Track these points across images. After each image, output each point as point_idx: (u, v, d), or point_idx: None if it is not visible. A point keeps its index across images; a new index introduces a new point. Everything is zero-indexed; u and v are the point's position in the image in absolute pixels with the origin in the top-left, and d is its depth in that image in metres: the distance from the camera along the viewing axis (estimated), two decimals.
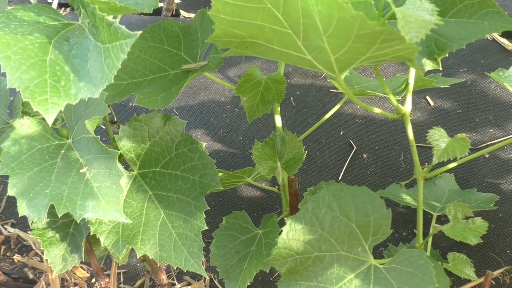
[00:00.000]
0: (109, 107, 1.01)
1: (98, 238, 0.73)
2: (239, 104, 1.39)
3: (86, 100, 0.57)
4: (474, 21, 0.62)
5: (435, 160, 0.63)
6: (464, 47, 0.62)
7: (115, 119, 1.00)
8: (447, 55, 0.64)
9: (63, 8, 1.96)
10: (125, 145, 0.76)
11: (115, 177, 0.65)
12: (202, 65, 0.76)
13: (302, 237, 0.66)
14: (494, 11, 0.61)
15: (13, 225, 1.33)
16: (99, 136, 0.66)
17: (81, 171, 0.68)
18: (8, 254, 1.28)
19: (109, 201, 0.64)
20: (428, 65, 0.65)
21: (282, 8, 0.51)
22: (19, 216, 0.65)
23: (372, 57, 0.56)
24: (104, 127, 1.47)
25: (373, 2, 0.61)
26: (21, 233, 1.29)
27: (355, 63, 0.59)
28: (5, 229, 1.32)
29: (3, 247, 1.29)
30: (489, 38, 1.22)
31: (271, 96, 0.76)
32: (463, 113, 1.14)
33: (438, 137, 0.65)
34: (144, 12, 0.64)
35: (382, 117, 1.20)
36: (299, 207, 0.79)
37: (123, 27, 0.50)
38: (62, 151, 0.71)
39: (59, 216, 0.64)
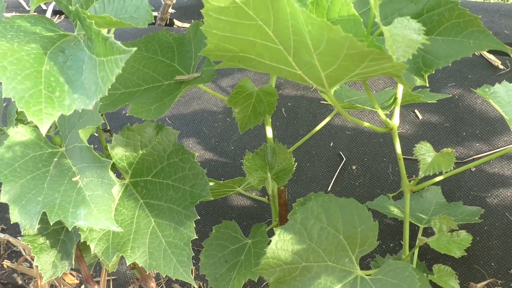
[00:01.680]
0: (102, 115, 1.03)
1: (89, 245, 0.74)
2: (231, 114, 1.40)
3: (80, 111, 0.57)
4: (460, 39, 0.64)
5: (421, 174, 0.65)
6: (450, 65, 0.63)
7: (108, 127, 1.01)
8: (433, 72, 0.66)
9: (57, 16, 1.97)
10: (118, 153, 0.77)
11: (108, 186, 0.66)
12: (195, 76, 0.77)
13: (290, 247, 0.67)
14: (479, 30, 0.63)
15: (3, 231, 1.33)
16: (92, 146, 0.67)
17: (73, 179, 0.68)
18: None
19: (101, 210, 0.65)
20: (416, 81, 0.67)
21: (273, 26, 0.52)
22: (11, 222, 0.65)
23: (361, 73, 0.58)
24: (97, 135, 1.47)
25: (361, 20, 0.63)
26: (11, 239, 1.29)
27: (345, 79, 0.60)
28: None
29: None
30: (476, 54, 1.25)
31: (262, 108, 0.78)
32: (450, 127, 1.16)
33: (425, 152, 0.67)
34: (139, 26, 0.65)
35: (371, 129, 1.22)
36: (288, 217, 0.81)
37: (119, 42, 0.51)
38: (55, 159, 0.72)
39: (51, 224, 0.65)
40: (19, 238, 1.30)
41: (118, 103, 0.78)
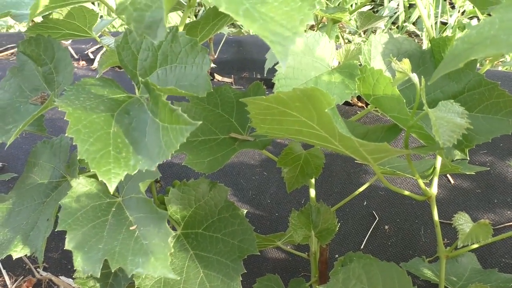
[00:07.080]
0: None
1: None
2: (268, 167, 1.46)
3: (144, 171, 0.60)
4: (500, 117, 0.68)
5: (460, 244, 0.69)
6: (490, 140, 0.67)
7: (159, 178, 1.08)
8: (474, 146, 0.70)
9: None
10: (173, 206, 0.83)
11: (164, 236, 0.71)
12: (248, 139, 0.84)
13: None
14: None
15: (45, 269, 1.39)
16: (152, 199, 0.73)
17: (131, 228, 0.73)
18: None
19: (158, 258, 0.69)
20: (457, 154, 0.72)
21: (316, 120, 0.56)
22: (74, 268, 0.70)
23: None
24: None
25: (404, 100, 0.66)
26: (53, 278, 1.35)
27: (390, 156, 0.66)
28: (38, 272, 1.38)
29: None
30: None
31: (310, 170, 0.83)
32: (482, 193, 1.20)
33: (463, 222, 0.71)
34: (199, 95, 0.66)
35: None
36: (329, 275, 0.85)
37: (185, 115, 0.55)
38: (113, 209, 0.77)
39: (112, 270, 0.70)
40: (61, 277, 1.36)
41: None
